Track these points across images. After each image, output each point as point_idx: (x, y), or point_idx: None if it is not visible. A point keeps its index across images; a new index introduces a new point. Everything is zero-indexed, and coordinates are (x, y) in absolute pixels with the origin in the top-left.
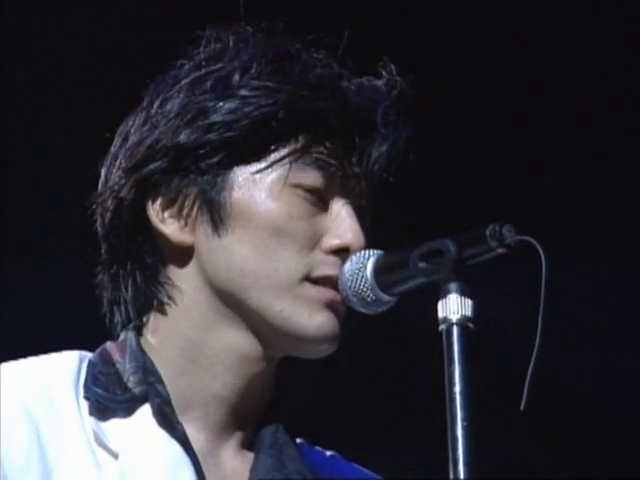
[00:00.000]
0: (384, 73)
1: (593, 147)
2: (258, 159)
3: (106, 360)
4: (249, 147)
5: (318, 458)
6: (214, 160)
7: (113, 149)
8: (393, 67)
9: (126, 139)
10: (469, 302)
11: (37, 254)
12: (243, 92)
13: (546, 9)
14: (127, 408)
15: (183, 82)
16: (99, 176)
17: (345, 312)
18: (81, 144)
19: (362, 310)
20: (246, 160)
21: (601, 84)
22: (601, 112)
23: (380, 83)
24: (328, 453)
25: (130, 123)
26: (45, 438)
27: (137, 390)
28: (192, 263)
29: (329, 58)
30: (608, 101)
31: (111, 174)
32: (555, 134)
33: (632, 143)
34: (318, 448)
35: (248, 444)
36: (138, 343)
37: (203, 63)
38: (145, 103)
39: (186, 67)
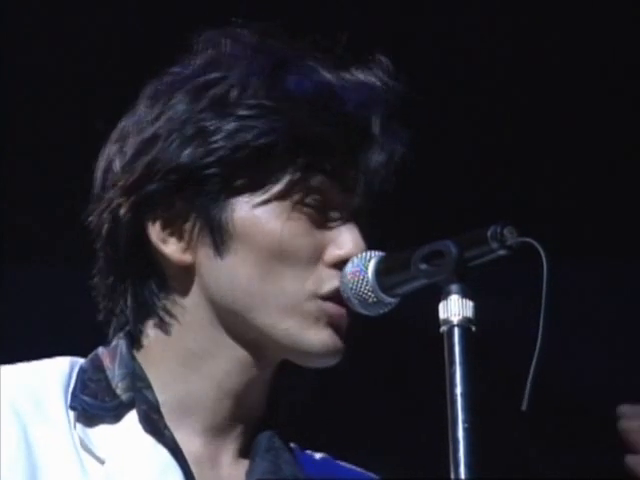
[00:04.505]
0: (380, 72)
1: (594, 147)
2: (258, 180)
3: (97, 366)
4: (248, 171)
5: (309, 461)
6: (214, 182)
7: (109, 153)
8: (389, 65)
9: (122, 147)
10: (470, 303)
11: (37, 256)
12: (241, 112)
13: (545, 9)
14: (115, 415)
15: (180, 93)
16: (94, 179)
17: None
18: (81, 144)
19: (363, 312)
20: (246, 182)
21: (602, 82)
22: (601, 112)
23: (375, 80)
24: (317, 455)
25: (126, 129)
26: (33, 441)
27: (125, 397)
28: (194, 281)
29: (324, 57)
30: (608, 102)
31: (107, 182)
32: (556, 134)
33: (633, 143)
34: (308, 451)
35: (245, 449)
36: (129, 350)
37: (199, 71)
38: (142, 110)
39: (182, 74)
